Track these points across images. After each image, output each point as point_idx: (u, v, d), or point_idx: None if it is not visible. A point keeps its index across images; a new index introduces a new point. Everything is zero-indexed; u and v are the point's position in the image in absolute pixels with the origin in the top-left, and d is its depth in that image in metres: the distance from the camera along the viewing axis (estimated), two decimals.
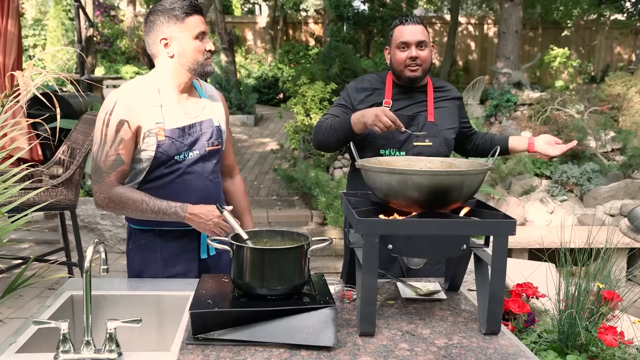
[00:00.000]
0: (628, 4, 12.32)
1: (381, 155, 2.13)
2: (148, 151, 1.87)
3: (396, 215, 1.60)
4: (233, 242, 1.49)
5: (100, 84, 10.18)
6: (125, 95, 1.87)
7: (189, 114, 1.95)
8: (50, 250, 4.34)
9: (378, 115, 1.98)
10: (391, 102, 2.20)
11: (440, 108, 2.25)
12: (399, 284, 1.83)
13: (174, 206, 1.86)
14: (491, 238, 1.50)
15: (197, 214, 1.86)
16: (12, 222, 1.53)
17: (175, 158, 1.90)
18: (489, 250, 1.49)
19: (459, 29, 14.84)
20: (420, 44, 2.15)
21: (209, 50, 1.93)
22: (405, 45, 2.16)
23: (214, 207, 1.87)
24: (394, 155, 2.13)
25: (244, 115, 10.78)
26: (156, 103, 1.89)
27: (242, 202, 2.24)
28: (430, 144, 2.17)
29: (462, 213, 1.62)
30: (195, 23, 1.88)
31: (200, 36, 1.90)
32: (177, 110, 1.92)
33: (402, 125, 1.98)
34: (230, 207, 1.86)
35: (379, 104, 2.20)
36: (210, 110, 2.03)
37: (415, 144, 2.16)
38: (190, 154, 1.93)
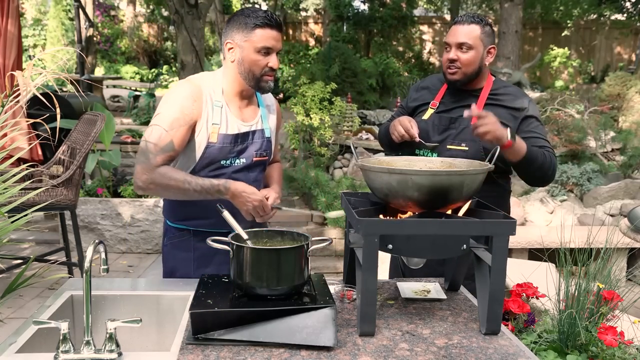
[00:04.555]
0: (628, 4, 12.33)
1: (416, 154, 2.11)
2: (199, 148, 1.89)
3: (396, 215, 1.60)
4: (233, 242, 1.49)
5: (100, 84, 10.18)
6: (193, 87, 1.89)
7: (245, 121, 1.96)
8: (50, 250, 4.34)
9: (394, 125, 2.07)
10: (437, 103, 2.19)
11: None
12: (399, 284, 1.83)
13: (217, 184, 1.85)
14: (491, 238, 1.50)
15: (242, 191, 1.85)
16: (12, 222, 1.52)
17: (222, 163, 1.92)
18: (489, 250, 1.49)
19: None
20: (461, 46, 2.06)
21: (271, 67, 1.88)
22: (448, 46, 2.10)
23: (256, 189, 1.87)
24: (427, 155, 2.09)
25: None
26: (218, 103, 1.90)
27: (271, 173, 2.17)
28: (466, 148, 2.08)
29: (461, 213, 1.63)
30: (263, 37, 1.84)
31: (264, 51, 1.85)
32: (235, 116, 1.93)
33: (415, 135, 2.03)
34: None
35: (427, 104, 2.22)
36: (264, 120, 2.03)
37: (449, 147, 2.10)
38: (237, 161, 1.94)
